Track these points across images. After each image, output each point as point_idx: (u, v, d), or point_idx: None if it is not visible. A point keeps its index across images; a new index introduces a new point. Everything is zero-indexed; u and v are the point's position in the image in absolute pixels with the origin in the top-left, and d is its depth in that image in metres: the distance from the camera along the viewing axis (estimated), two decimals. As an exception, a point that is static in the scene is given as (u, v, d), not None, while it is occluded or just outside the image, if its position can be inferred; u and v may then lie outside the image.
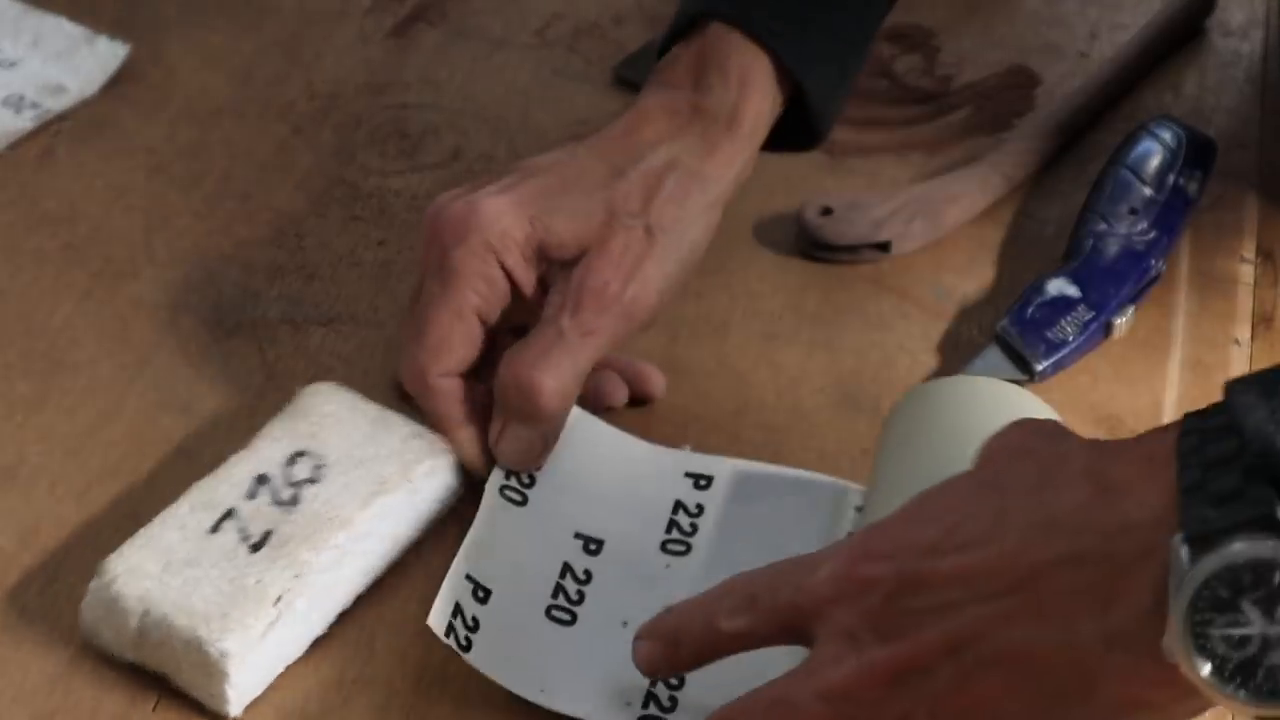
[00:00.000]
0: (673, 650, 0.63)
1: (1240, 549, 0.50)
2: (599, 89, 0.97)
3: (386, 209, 0.89)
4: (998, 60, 0.98)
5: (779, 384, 0.81)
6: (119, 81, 0.95)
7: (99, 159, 0.91)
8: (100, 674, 0.68)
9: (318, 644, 0.69)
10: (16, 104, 0.93)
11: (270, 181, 0.91)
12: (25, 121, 0.92)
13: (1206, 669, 0.51)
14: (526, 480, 0.73)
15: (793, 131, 0.80)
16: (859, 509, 0.73)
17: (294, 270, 0.86)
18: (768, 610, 0.60)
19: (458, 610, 0.67)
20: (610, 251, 0.74)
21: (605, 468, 0.75)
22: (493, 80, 0.97)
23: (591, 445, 0.76)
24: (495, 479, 0.73)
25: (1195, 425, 0.54)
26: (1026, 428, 0.61)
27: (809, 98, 0.79)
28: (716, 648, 0.62)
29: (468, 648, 0.67)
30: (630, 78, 0.97)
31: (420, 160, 0.92)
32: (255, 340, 0.82)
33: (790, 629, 0.60)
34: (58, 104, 0.93)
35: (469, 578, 0.69)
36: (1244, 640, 0.51)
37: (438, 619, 0.67)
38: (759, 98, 0.78)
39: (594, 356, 0.74)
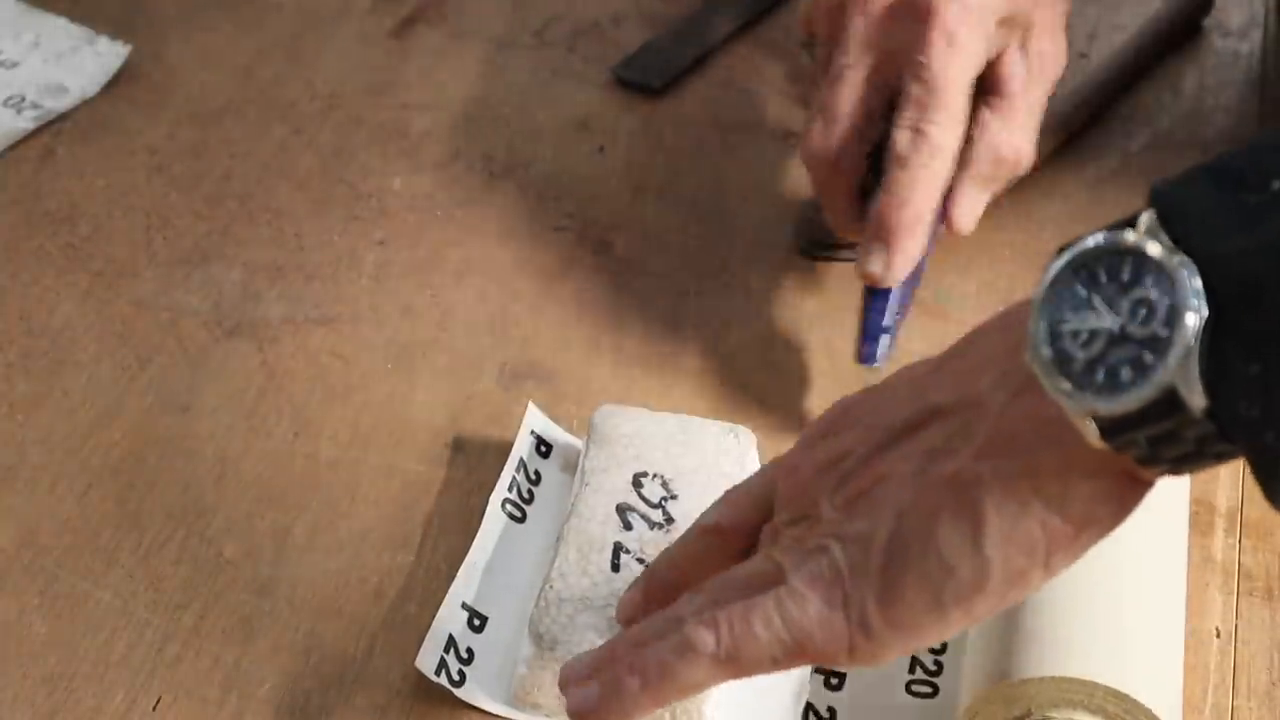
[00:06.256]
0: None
1: (1094, 239, 0.51)
2: (599, 89, 0.97)
3: (386, 209, 0.89)
4: (997, 60, 0.98)
5: (779, 384, 0.81)
6: (119, 81, 0.95)
7: (99, 159, 0.91)
8: (100, 674, 0.68)
9: (318, 644, 0.69)
10: (17, 105, 0.93)
11: (270, 181, 0.91)
12: (26, 122, 0.92)
13: (1047, 353, 0.51)
14: (526, 495, 0.74)
15: None
16: None
17: (294, 270, 0.86)
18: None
19: (450, 644, 0.68)
20: (1052, 22, 0.79)
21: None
22: (493, 80, 0.97)
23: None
24: (498, 493, 0.73)
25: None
26: None
27: None
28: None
29: (460, 682, 0.67)
30: (629, 78, 0.97)
31: (420, 160, 0.92)
32: (255, 340, 0.82)
33: None
34: (58, 104, 0.93)
35: (465, 606, 0.69)
36: (1093, 336, 0.51)
37: (427, 659, 0.67)
38: None
39: None
